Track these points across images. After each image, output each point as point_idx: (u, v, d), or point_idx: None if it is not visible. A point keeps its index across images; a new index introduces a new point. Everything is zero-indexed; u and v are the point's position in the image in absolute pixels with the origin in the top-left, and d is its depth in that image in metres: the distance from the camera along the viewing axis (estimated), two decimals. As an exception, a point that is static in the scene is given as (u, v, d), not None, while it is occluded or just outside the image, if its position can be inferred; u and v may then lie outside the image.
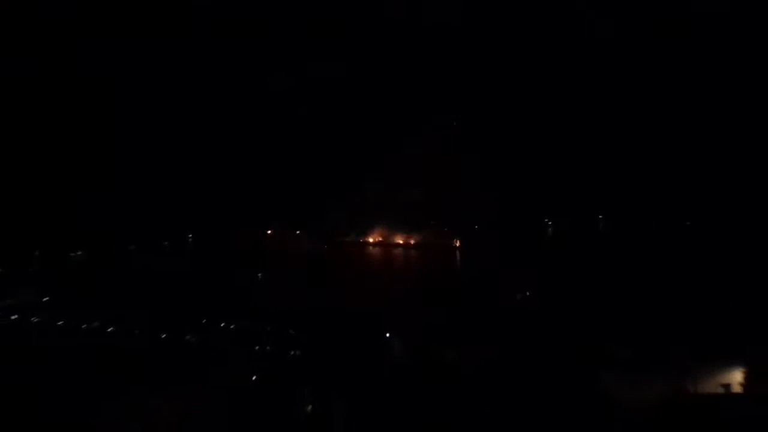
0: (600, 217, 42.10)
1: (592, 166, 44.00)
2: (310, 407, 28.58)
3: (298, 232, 41.09)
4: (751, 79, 44.78)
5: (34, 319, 33.80)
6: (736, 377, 29.88)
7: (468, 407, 26.60)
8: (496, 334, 31.16)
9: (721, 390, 30.01)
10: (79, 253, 38.62)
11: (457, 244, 39.22)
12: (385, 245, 41.54)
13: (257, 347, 31.15)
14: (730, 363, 29.96)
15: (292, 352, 30.58)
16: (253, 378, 29.52)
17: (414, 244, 41.53)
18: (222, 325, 32.64)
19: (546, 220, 40.14)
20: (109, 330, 33.70)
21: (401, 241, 43.13)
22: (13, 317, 34.37)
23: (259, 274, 37.82)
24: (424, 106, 45.17)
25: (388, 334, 31.95)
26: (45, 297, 35.40)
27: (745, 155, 43.38)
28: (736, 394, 29.76)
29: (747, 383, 29.92)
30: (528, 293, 34.76)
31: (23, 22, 47.70)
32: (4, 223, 37.70)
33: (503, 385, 27.42)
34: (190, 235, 42.58)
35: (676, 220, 41.65)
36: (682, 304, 32.59)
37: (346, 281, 39.24)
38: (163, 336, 32.31)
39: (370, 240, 41.74)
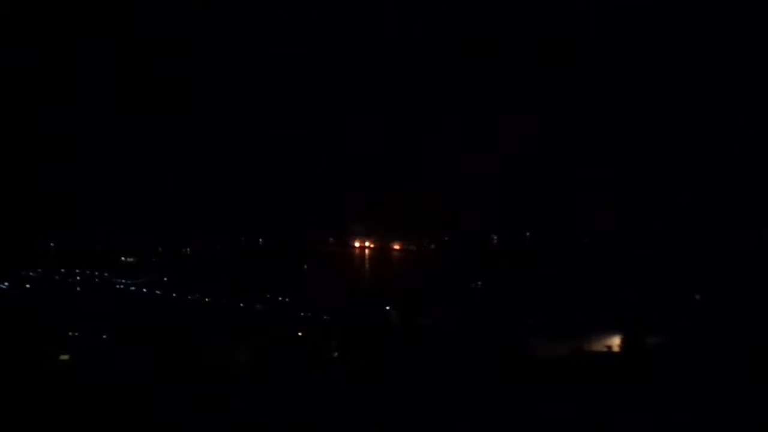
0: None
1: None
2: (336, 353, 43.67)
3: (330, 238, 55.50)
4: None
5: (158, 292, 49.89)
6: (615, 340, 42.71)
7: (436, 355, 39.35)
8: (458, 307, 46.69)
9: (605, 348, 42.29)
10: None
11: (435, 247, 54.38)
12: (386, 249, 56.59)
13: (302, 314, 46.95)
14: (611, 331, 42.73)
15: (325, 317, 46.34)
16: (299, 333, 44.82)
17: (406, 248, 54.91)
18: (279, 299, 48.38)
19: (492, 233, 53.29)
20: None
21: (397, 246, 55.17)
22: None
23: (305, 266, 53.52)
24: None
25: (387, 308, 47.06)
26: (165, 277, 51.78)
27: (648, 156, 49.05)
28: (615, 352, 42.31)
29: (622, 344, 42.55)
30: (480, 283, 50.23)
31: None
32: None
33: (460, 340, 41.78)
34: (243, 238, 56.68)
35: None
36: (582, 291, 46.85)
37: (358, 273, 55.05)
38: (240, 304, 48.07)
39: (374, 245, 57.03)
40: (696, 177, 48.36)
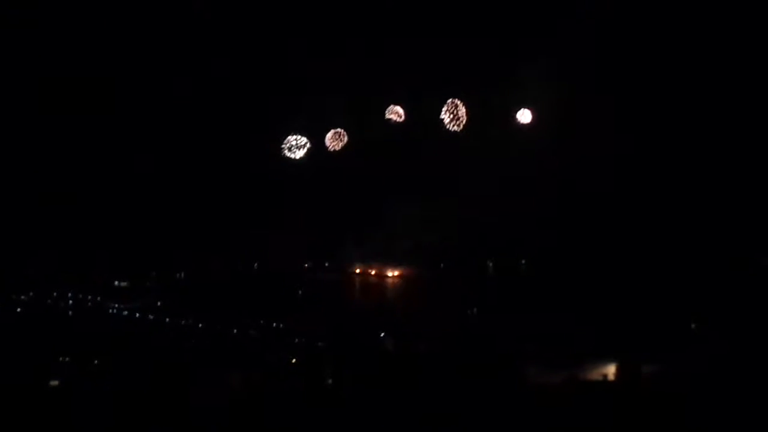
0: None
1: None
2: (330, 380, 43.18)
3: (326, 264, 55.53)
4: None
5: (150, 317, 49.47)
6: (610, 370, 42.49)
7: (431, 382, 39.59)
8: (450, 335, 46.63)
9: (600, 378, 42.19)
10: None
11: (430, 274, 54.60)
12: (379, 276, 56.58)
13: (296, 340, 46.63)
14: (606, 360, 42.51)
15: (319, 344, 46.04)
16: (293, 360, 44.51)
17: (398, 275, 54.81)
18: (273, 325, 48.11)
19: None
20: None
21: (390, 273, 55.24)
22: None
23: (299, 292, 53.37)
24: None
25: (382, 334, 47.10)
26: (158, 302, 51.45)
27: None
28: (610, 381, 42.15)
29: (617, 374, 42.33)
30: (474, 309, 50.16)
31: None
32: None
33: (451, 368, 41.62)
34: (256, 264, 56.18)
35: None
36: (577, 319, 46.44)
37: (353, 299, 54.80)
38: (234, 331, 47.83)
39: (370, 272, 56.83)
40: (691, 206, 48.50)
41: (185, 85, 52.09)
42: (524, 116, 52.59)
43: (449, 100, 52.46)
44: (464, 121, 52.48)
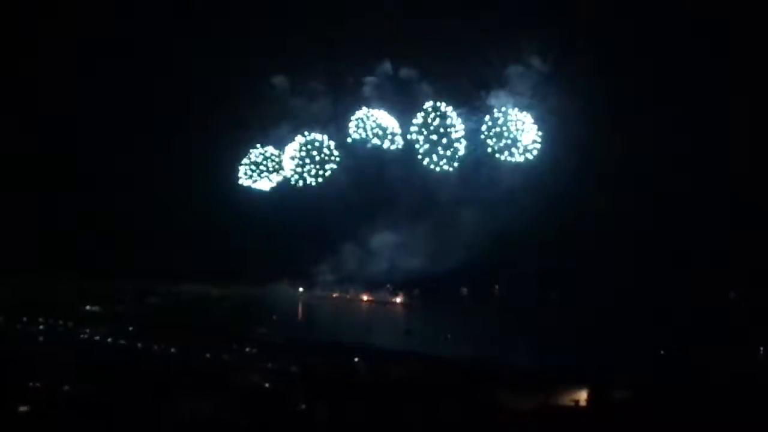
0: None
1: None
2: (303, 405, 42.88)
3: (300, 289, 55.65)
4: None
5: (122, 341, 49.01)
6: (581, 395, 42.71)
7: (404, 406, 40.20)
8: (427, 359, 46.80)
9: (572, 403, 42.26)
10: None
11: (401, 300, 55.10)
12: (357, 300, 57.06)
13: (269, 365, 46.41)
14: (577, 386, 42.89)
15: (293, 368, 45.84)
16: (266, 385, 44.23)
17: (374, 299, 55.57)
18: (246, 350, 47.93)
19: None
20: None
21: (367, 298, 56.05)
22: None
23: (273, 317, 53.34)
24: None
25: (356, 359, 47.16)
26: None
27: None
28: (581, 406, 42.56)
29: (588, 398, 42.95)
30: (449, 335, 50.57)
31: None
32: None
33: (427, 392, 42.00)
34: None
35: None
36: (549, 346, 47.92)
37: (328, 323, 54.96)
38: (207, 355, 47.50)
39: (347, 296, 57.17)
40: (657, 232, 49.87)
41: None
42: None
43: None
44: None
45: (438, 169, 52.96)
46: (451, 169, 52.87)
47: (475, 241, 51.19)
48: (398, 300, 55.16)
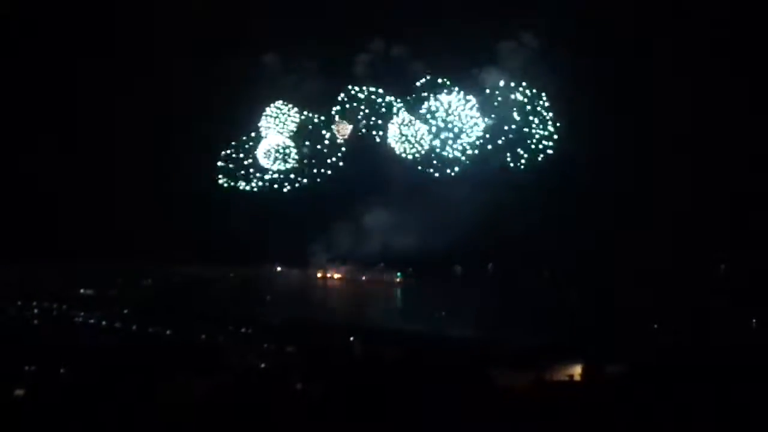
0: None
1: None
2: (299, 385, 43.05)
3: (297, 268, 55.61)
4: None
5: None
6: (576, 370, 43.46)
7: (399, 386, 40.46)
8: (419, 338, 46.86)
9: (566, 378, 42.91)
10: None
11: (397, 280, 55.08)
12: (349, 280, 57.06)
13: (265, 345, 46.48)
14: (572, 361, 43.33)
15: (288, 349, 45.92)
16: (262, 365, 44.38)
17: (368, 279, 55.81)
18: (242, 330, 47.97)
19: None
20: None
21: (360, 277, 56.06)
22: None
23: (267, 297, 53.32)
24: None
25: (351, 338, 47.26)
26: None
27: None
28: (576, 381, 43.10)
29: (583, 374, 43.86)
30: (444, 313, 50.64)
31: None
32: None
33: (422, 371, 42.10)
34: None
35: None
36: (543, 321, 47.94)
37: (323, 303, 54.97)
38: (203, 336, 47.52)
39: (339, 275, 57.20)
40: (650, 210, 50.02)
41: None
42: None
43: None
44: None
45: (430, 148, 52.52)
46: (449, 151, 52.26)
47: (469, 219, 51.01)
48: (391, 278, 55.14)
